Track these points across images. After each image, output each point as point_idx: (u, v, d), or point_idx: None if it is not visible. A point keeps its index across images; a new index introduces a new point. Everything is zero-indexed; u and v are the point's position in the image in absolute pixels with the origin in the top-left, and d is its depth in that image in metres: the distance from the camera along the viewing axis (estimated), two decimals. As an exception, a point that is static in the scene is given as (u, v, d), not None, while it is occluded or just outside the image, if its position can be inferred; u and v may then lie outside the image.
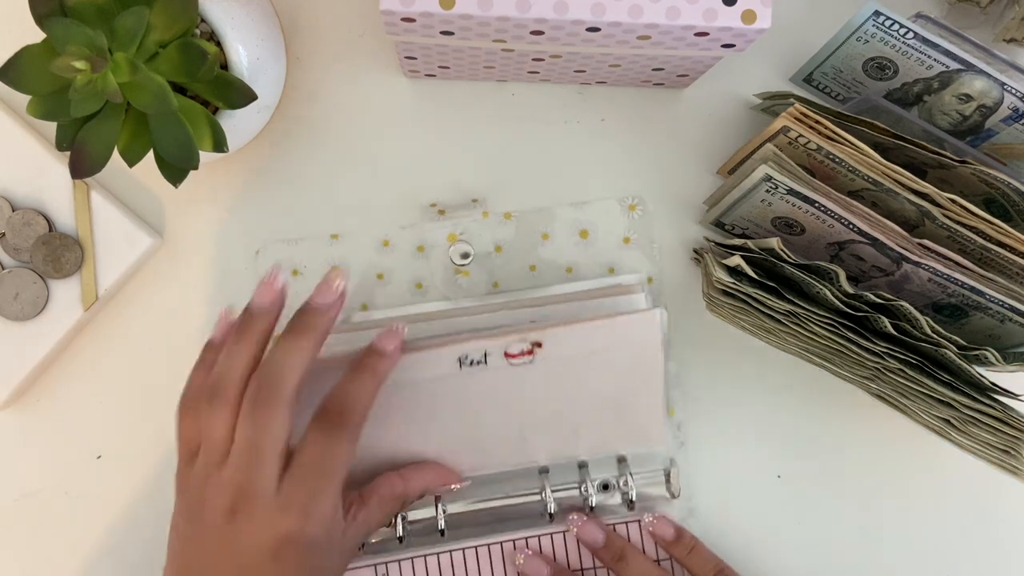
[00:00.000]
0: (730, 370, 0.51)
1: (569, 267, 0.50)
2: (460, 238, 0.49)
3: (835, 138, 0.42)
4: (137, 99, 0.38)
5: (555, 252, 0.50)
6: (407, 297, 0.50)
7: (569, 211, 0.50)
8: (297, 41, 0.50)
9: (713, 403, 0.50)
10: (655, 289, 0.50)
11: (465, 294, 0.49)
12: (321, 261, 0.49)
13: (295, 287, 0.48)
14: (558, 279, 0.50)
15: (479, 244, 0.50)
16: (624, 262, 0.50)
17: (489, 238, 0.50)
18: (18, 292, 0.47)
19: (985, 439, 0.41)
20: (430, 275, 0.50)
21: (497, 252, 0.50)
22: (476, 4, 0.38)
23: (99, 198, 0.48)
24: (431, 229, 0.50)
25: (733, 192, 0.45)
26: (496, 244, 0.50)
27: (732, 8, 0.39)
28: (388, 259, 0.50)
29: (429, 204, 0.49)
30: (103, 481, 0.49)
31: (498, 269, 0.50)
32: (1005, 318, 0.43)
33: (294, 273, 0.49)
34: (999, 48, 0.48)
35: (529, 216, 0.50)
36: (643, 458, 0.49)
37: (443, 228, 0.50)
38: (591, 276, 0.50)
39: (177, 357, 0.49)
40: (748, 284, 0.42)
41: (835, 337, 0.42)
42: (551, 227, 0.50)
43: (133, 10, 0.37)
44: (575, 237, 0.50)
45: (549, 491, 0.47)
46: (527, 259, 0.50)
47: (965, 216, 0.41)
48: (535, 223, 0.50)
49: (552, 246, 0.50)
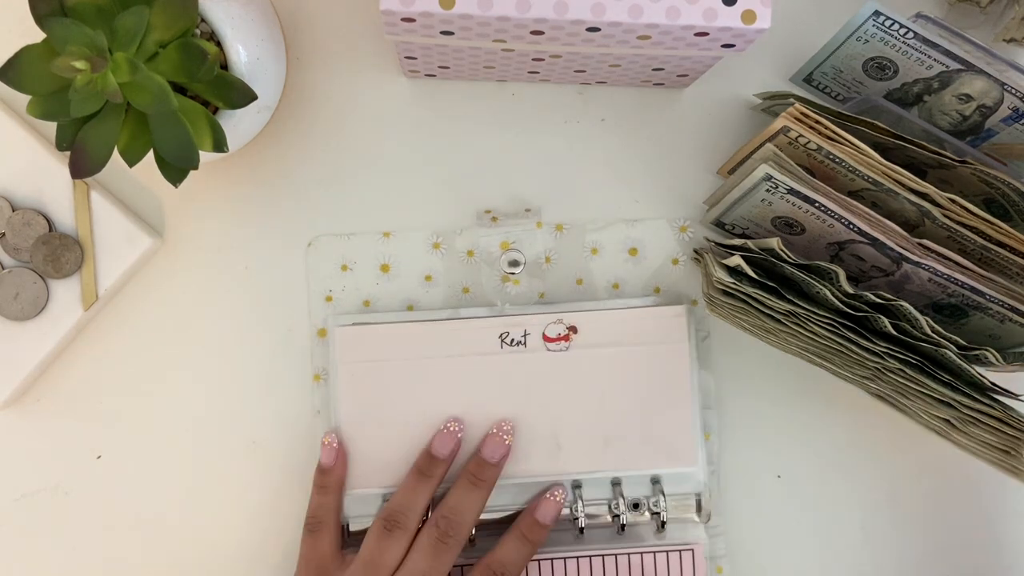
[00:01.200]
0: (730, 370, 0.51)
1: (616, 283, 0.50)
2: (512, 246, 0.50)
3: (835, 138, 0.42)
4: (137, 99, 0.38)
5: (603, 267, 0.50)
6: (453, 300, 0.50)
7: (620, 227, 0.50)
8: (297, 41, 0.50)
9: (731, 412, 0.50)
10: (699, 312, 0.50)
11: (512, 301, 0.50)
12: (371, 258, 0.50)
13: (343, 282, 0.50)
14: (604, 294, 0.50)
15: (530, 253, 0.50)
16: (671, 282, 0.50)
17: (540, 248, 0.50)
18: (18, 292, 0.47)
19: (985, 439, 0.41)
20: (478, 280, 0.50)
21: (547, 263, 0.50)
22: (476, 4, 0.38)
23: (99, 198, 0.48)
24: (484, 235, 0.50)
25: (733, 192, 0.45)
26: (546, 254, 0.50)
27: (732, 8, 0.39)
28: (438, 261, 0.50)
29: (484, 211, 0.50)
30: (103, 481, 0.49)
31: (546, 279, 0.50)
32: (1005, 318, 0.43)
33: (343, 268, 0.50)
34: (999, 48, 0.48)
35: (580, 229, 0.50)
36: (674, 479, 0.48)
37: (495, 235, 0.50)
38: (637, 294, 0.50)
39: (177, 357, 0.49)
40: (748, 284, 0.42)
41: (835, 337, 0.42)
42: (601, 242, 0.50)
43: (133, 10, 0.37)
44: (624, 254, 0.50)
45: (582, 505, 0.47)
46: (575, 272, 0.50)
47: (965, 216, 0.41)
48: (586, 237, 0.50)
49: (601, 261, 0.50)
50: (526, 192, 0.50)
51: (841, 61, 0.46)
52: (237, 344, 0.49)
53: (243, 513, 0.49)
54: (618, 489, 0.48)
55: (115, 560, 0.49)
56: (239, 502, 0.49)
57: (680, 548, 0.48)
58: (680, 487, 0.48)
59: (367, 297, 0.50)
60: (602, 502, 0.48)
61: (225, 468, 0.49)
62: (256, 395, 0.49)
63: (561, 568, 0.47)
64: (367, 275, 0.50)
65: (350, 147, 0.50)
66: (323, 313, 0.49)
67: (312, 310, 0.49)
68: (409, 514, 0.45)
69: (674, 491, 0.48)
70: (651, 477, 0.48)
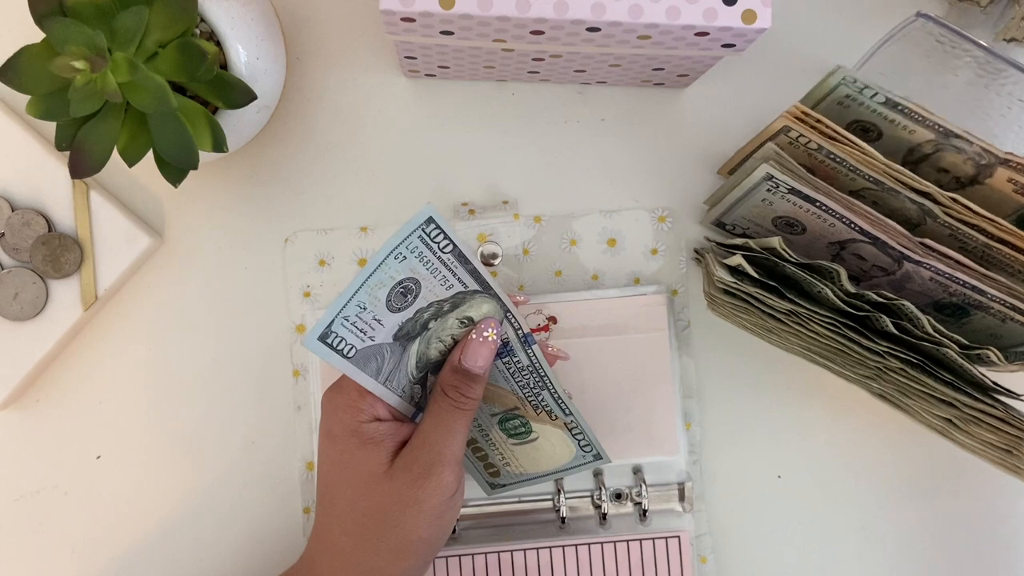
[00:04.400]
0: (730, 370, 0.51)
1: (595, 274, 0.50)
2: (490, 239, 0.49)
3: (836, 137, 0.42)
4: (137, 99, 0.38)
5: (582, 258, 0.50)
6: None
7: (599, 218, 0.50)
8: (297, 41, 0.50)
9: (713, 402, 0.50)
10: (680, 301, 0.50)
11: None
12: (349, 252, 0.50)
13: (321, 277, 0.49)
14: (583, 285, 0.50)
15: (508, 245, 0.50)
16: (650, 273, 0.50)
17: (518, 240, 0.50)
18: (18, 292, 0.47)
19: (987, 438, 0.41)
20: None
21: (525, 255, 0.50)
22: (476, 4, 0.38)
23: (99, 198, 0.48)
24: (461, 228, 0.50)
25: (734, 192, 0.45)
26: (524, 246, 0.50)
27: (732, 8, 0.39)
28: None
29: (460, 203, 0.50)
30: (103, 481, 0.49)
31: (525, 271, 0.50)
32: (1007, 317, 0.43)
33: (321, 263, 0.50)
34: (999, 47, 0.48)
35: (559, 221, 0.50)
36: (656, 468, 0.49)
37: (473, 228, 0.50)
38: (616, 284, 0.50)
39: (177, 357, 0.49)
40: (749, 283, 0.42)
41: (836, 336, 0.42)
42: (580, 233, 0.50)
43: (133, 10, 0.37)
44: (603, 244, 0.50)
45: (563, 497, 0.47)
46: (554, 263, 0.50)
47: (966, 214, 0.41)
48: (564, 228, 0.50)
49: (580, 252, 0.50)
50: (526, 192, 0.50)
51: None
52: (237, 343, 0.49)
53: (242, 512, 0.49)
54: (600, 479, 0.48)
55: (115, 560, 0.49)
56: (238, 501, 0.49)
57: (667, 536, 0.48)
58: (662, 476, 0.48)
59: None
60: (584, 493, 0.48)
61: (222, 466, 0.49)
62: (256, 395, 0.49)
63: (547, 556, 0.47)
64: (345, 270, 0.50)
65: (350, 147, 0.50)
66: (301, 309, 0.49)
67: (290, 306, 0.50)
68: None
69: (656, 480, 0.48)
70: (632, 467, 0.48)
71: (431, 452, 0.39)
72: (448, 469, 0.39)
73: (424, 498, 0.39)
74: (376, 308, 0.38)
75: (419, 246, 0.37)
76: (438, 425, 0.40)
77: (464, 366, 0.40)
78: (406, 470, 0.39)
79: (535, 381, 0.42)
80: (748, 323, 0.46)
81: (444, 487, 0.39)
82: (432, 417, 0.40)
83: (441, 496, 0.39)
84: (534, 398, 0.43)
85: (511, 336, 0.42)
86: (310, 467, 0.49)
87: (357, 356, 0.38)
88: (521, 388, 0.43)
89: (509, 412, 0.44)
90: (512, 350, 0.42)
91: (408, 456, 0.39)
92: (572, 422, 0.43)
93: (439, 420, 0.40)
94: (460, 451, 0.40)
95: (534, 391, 0.43)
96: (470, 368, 0.40)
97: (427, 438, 0.40)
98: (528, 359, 0.42)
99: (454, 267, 0.39)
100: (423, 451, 0.39)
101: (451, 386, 0.40)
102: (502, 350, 0.42)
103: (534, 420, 0.44)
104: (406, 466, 0.39)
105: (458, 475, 0.40)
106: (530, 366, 0.42)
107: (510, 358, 0.42)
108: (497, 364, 0.42)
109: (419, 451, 0.39)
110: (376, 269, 0.37)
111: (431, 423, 0.40)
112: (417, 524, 0.39)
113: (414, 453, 0.39)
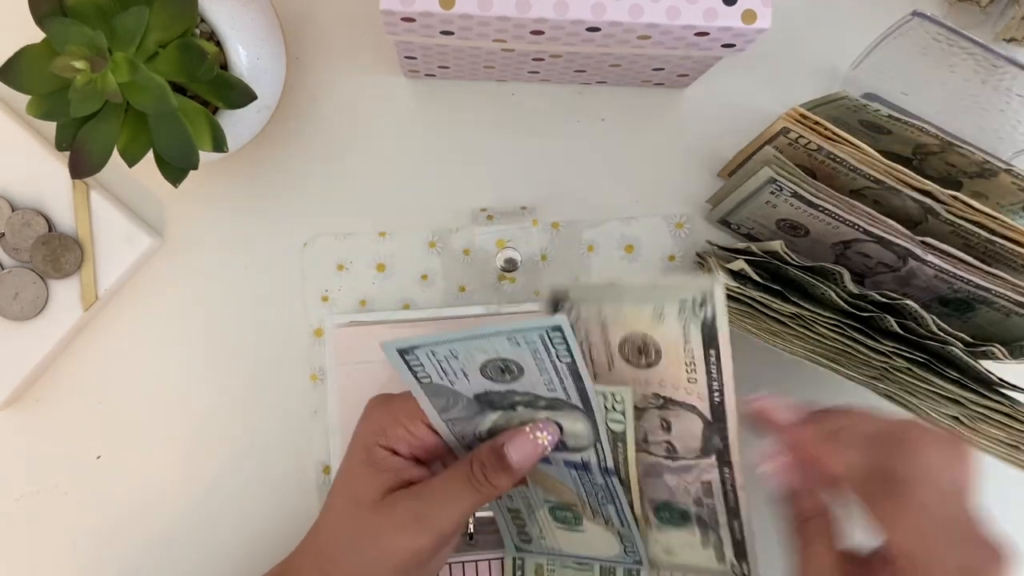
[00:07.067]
0: (737, 374, 0.50)
1: (612, 281, 0.50)
2: (508, 245, 0.50)
3: (835, 138, 0.42)
4: (137, 99, 0.38)
5: (599, 265, 0.50)
6: (449, 299, 0.50)
7: (616, 225, 0.50)
8: (297, 41, 0.50)
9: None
10: None
11: (508, 300, 0.50)
12: (367, 257, 0.50)
13: (340, 282, 0.49)
14: None
15: (525, 252, 0.50)
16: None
17: (536, 246, 0.50)
18: (18, 292, 0.47)
19: (994, 435, 0.41)
20: (474, 279, 0.50)
21: (543, 261, 0.50)
22: (476, 4, 0.38)
23: (99, 198, 0.48)
24: (480, 234, 0.50)
25: (737, 193, 0.45)
26: (542, 253, 0.50)
27: (732, 8, 0.39)
28: (434, 260, 0.50)
29: (479, 209, 0.50)
30: (103, 481, 0.49)
31: (542, 278, 0.50)
32: (1011, 312, 0.43)
33: (339, 268, 0.50)
34: (999, 47, 0.48)
35: (576, 227, 0.50)
36: None
37: (492, 234, 0.50)
38: None
39: (177, 357, 0.49)
40: (752, 287, 0.42)
41: (841, 338, 0.42)
42: (597, 240, 0.50)
43: (133, 10, 0.37)
44: (620, 251, 0.50)
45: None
46: (572, 270, 0.50)
47: (967, 211, 0.41)
48: (582, 235, 0.50)
49: (597, 258, 0.50)
50: (526, 192, 0.50)
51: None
52: (237, 344, 0.49)
53: (243, 513, 0.49)
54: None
55: (115, 560, 0.49)
56: (239, 502, 0.49)
57: None
58: None
59: (363, 297, 0.50)
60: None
61: (225, 468, 0.49)
62: (256, 395, 0.49)
63: None
64: (363, 274, 0.50)
65: (350, 147, 0.50)
66: (319, 313, 0.49)
67: (308, 310, 0.49)
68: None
69: None
70: None
71: (421, 510, 0.37)
72: (427, 536, 0.37)
73: (391, 549, 0.37)
74: (468, 365, 0.37)
75: (537, 343, 0.36)
76: (446, 490, 0.38)
77: (504, 451, 0.38)
78: (390, 510, 0.37)
79: (604, 496, 0.42)
80: (752, 328, 0.46)
81: (415, 550, 0.37)
82: (445, 479, 0.38)
83: (406, 554, 0.37)
84: (597, 506, 0.42)
85: (592, 461, 0.40)
86: (326, 471, 0.49)
87: (430, 385, 0.38)
88: (587, 496, 0.42)
89: (564, 504, 0.44)
90: (589, 470, 0.41)
91: (400, 499, 0.38)
92: (627, 533, 0.43)
93: (449, 486, 0.38)
94: (451, 526, 0.38)
95: (601, 503, 0.42)
96: (508, 456, 0.38)
97: (428, 494, 0.38)
98: (604, 481, 0.41)
99: (564, 377, 0.38)
100: (416, 502, 0.38)
101: (480, 463, 0.38)
102: (578, 464, 0.41)
103: (589, 520, 0.43)
104: (391, 506, 0.38)
105: (435, 545, 0.38)
106: (604, 486, 0.41)
107: (584, 473, 0.41)
108: (571, 472, 0.41)
109: (412, 501, 0.38)
110: (482, 337, 0.36)
111: (440, 483, 0.38)
112: (378, 568, 0.37)
113: (407, 500, 0.38)
